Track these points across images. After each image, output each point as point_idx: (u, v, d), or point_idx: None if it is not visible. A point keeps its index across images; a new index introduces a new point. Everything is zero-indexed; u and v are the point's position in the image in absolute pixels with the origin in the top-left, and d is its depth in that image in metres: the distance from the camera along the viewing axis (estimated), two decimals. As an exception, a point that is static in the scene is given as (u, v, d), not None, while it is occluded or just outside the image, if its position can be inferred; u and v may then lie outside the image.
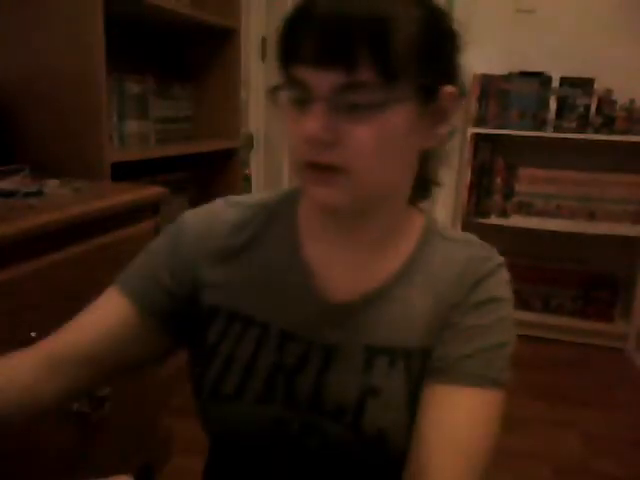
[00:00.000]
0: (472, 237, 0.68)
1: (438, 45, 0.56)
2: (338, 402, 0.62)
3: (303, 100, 0.54)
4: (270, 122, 2.90)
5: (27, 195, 1.09)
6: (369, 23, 0.50)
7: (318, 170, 0.55)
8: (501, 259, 0.66)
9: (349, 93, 0.52)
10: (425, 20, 0.54)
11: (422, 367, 0.62)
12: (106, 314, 0.65)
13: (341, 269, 0.65)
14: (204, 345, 0.67)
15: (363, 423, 0.61)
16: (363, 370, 0.62)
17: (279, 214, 0.69)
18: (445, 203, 2.71)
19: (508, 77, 2.49)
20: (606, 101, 2.42)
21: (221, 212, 0.69)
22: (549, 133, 2.48)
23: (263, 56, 2.82)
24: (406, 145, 0.58)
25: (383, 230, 0.65)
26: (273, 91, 0.58)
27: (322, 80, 0.52)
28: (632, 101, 2.41)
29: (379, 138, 0.53)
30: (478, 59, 2.37)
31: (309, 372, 0.63)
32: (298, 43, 0.53)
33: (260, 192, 0.74)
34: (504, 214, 2.64)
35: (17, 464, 0.94)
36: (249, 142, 2.81)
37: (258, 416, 0.63)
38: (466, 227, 2.56)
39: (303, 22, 0.53)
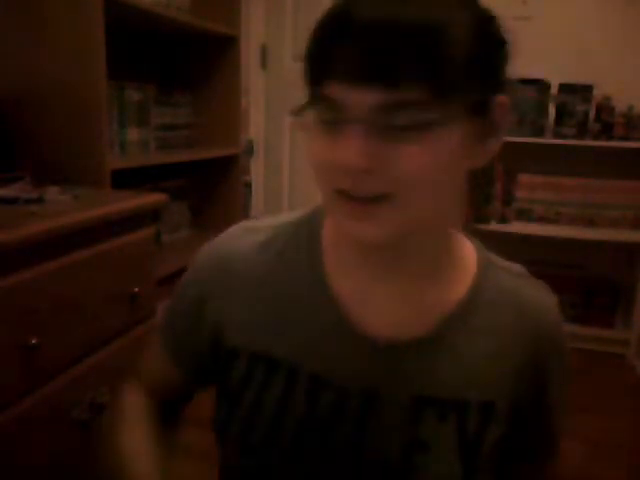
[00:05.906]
0: (521, 268, 0.66)
1: (490, 54, 0.50)
2: (380, 457, 0.56)
3: (335, 122, 0.47)
4: (270, 129, 2.91)
5: (28, 202, 1.09)
6: (419, 33, 0.43)
7: (356, 201, 0.48)
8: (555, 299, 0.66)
9: (391, 113, 0.45)
10: (477, 26, 0.48)
11: (481, 422, 0.57)
12: (159, 377, 0.71)
13: (381, 305, 0.58)
14: (226, 392, 0.62)
15: (411, 479, 0.56)
16: (409, 422, 0.56)
17: (300, 241, 0.62)
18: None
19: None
20: (605, 107, 2.43)
21: (236, 243, 0.63)
22: (548, 139, 2.49)
23: (263, 63, 2.84)
24: (457, 165, 0.51)
25: (430, 262, 0.58)
26: (298, 112, 0.51)
27: (359, 99, 0.45)
28: (631, 107, 2.42)
29: (431, 159, 0.46)
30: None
31: (345, 423, 0.57)
32: (330, 56, 0.45)
33: (276, 215, 0.68)
34: (504, 220, 2.64)
35: (14, 471, 0.93)
36: (249, 149, 2.82)
37: (288, 470, 0.58)
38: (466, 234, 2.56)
39: (337, 31, 0.45)
